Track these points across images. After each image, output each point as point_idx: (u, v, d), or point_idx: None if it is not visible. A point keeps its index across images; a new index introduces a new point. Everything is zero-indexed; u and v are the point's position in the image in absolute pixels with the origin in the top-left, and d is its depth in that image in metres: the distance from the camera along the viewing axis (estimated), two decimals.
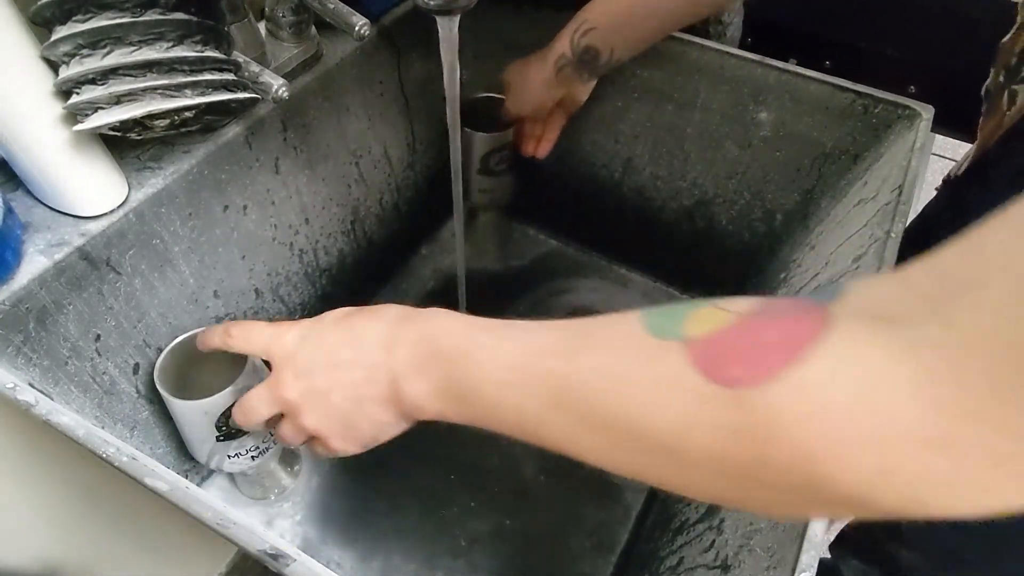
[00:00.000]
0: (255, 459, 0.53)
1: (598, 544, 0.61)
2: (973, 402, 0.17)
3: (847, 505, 0.20)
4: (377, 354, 0.34)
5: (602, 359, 0.26)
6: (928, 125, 0.54)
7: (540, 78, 0.59)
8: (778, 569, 0.34)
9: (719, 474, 0.23)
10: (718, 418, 0.21)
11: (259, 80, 0.48)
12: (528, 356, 0.29)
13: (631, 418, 0.24)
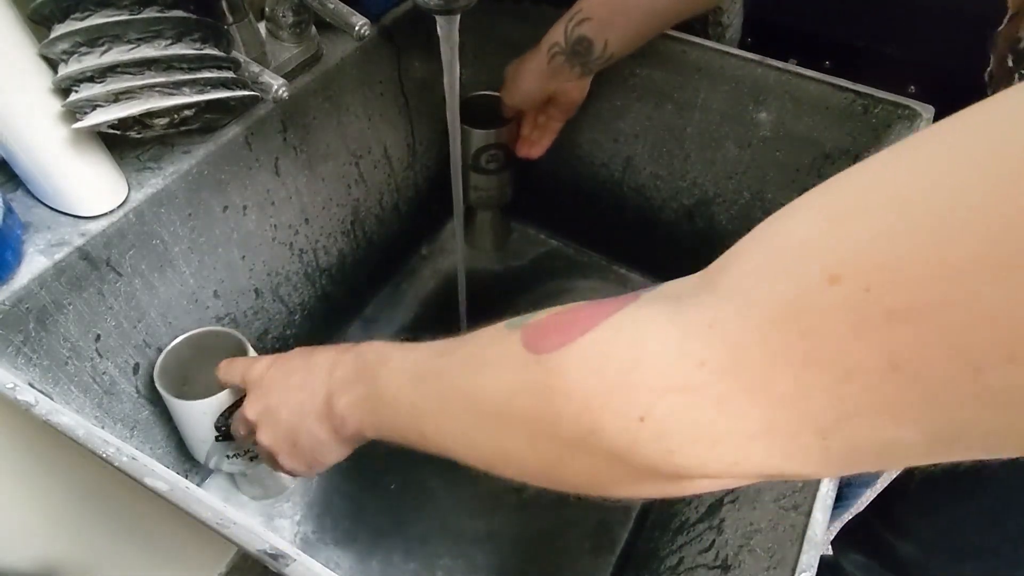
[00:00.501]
0: (253, 459, 0.53)
1: (598, 544, 0.61)
2: (724, 358, 0.19)
3: (614, 458, 0.22)
4: (320, 374, 0.38)
5: (469, 351, 0.30)
6: (928, 125, 0.54)
7: (532, 66, 0.59)
8: (778, 569, 0.34)
9: (533, 438, 0.25)
10: (528, 381, 0.24)
11: (259, 80, 0.48)
12: (423, 359, 0.32)
13: (476, 393, 0.28)
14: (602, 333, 0.22)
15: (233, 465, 0.53)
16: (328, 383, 0.38)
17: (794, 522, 0.36)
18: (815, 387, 0.17)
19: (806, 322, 0.17)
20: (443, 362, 0.31)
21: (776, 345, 0.18)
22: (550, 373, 0.23)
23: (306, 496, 0.63)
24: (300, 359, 0.40)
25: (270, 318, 0.63)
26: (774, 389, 0.18)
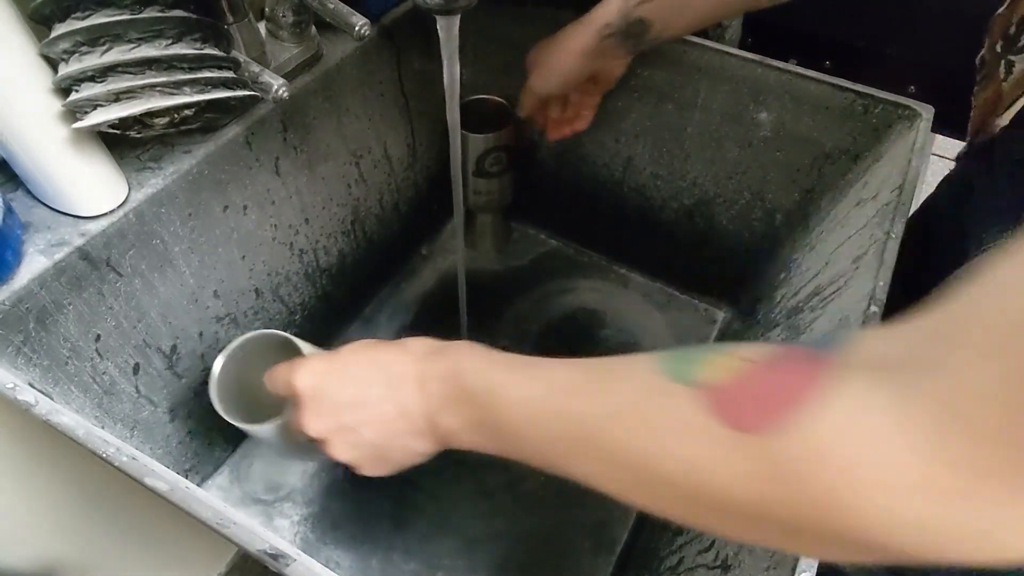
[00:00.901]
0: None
1: (598, 544, 0.61)
2: (961, 452, 0.18)
3: (860, 547, 0.21)
4: (410, 390, 0.35)
5: (621, 401, 0.27)
6: (928, 125, 0.54)
7: (577, 47, 0.54)
8: (778, 569, 0.34)
9: (736, 514, 0.24)
10: (734, 462, 0.22)
11: (259, 80, 0.48)
12: (552, 396, 0.30)
13: (651, 461, 0.25)
14: (821, 418, 0.20)
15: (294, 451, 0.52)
16: (424, 402, 0.35)
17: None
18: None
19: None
20: (582, 408, 0.28)
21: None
22: (765, 459, 0.22)
23: (306, 496, 0.63)
24: (363, 366, 0.37)
25: (270, 318, 0.63)
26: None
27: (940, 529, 0.19)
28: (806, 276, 0.58)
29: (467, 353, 0.35)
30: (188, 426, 0.58)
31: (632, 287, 0.81)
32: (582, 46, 0.54)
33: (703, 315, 0.79)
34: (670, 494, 0.25)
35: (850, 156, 0.60)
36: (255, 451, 0.66)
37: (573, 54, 0.54)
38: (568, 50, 0.55)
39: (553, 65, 0.56)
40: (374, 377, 0.37)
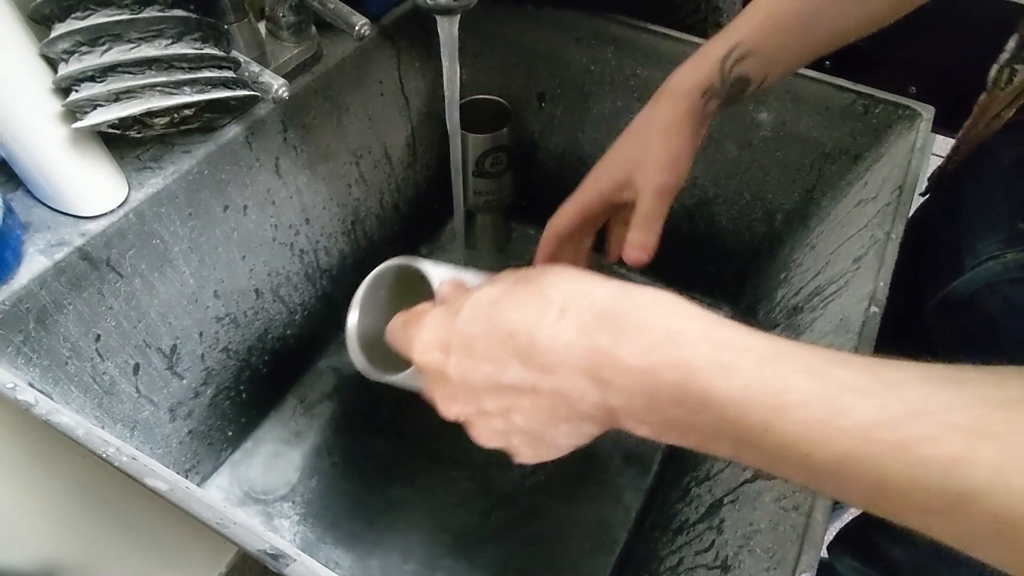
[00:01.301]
0: None
1: (598, 544, 0.61)
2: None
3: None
4: (568, 375, 0.26)
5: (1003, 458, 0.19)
6: (928, 125, 0.54)
7: (684, 117, 0.42)
8: (778, 569, 0.34)
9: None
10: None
11: (259, 80, 0.48)
12: (856, 427, 0.20)
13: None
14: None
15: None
16: (599, 393, 0.25)
17: (794, 523, 0.36)
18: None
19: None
20: (967, 461, 0.19)
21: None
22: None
23: (306, 496, 0.63)
24: (491, 340, 0.27)
25: (270, 318, 0.63)
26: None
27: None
28: (806, 276, 0.58)
29: (678, 327, 0.24)
30: (188, 426, 0.58)
31: None
32: (681, 117, 0.42)
33: None
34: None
35: (850, 156, 0.60)
36: (255, 451, 0.66)
37: (674, 132, 0.42)
38: (666, 128, 0.42)
39: (663, 151, 0.42)
40: (507, 354, 0.27)
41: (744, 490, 0.45)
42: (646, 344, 0.24)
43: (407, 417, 0.69)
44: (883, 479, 0.20)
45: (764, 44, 0.41)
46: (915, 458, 0.20)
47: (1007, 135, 0.49)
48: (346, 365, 0.73)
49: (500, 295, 0.28)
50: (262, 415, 0.68)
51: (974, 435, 0.19)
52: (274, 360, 0.66)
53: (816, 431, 0.21)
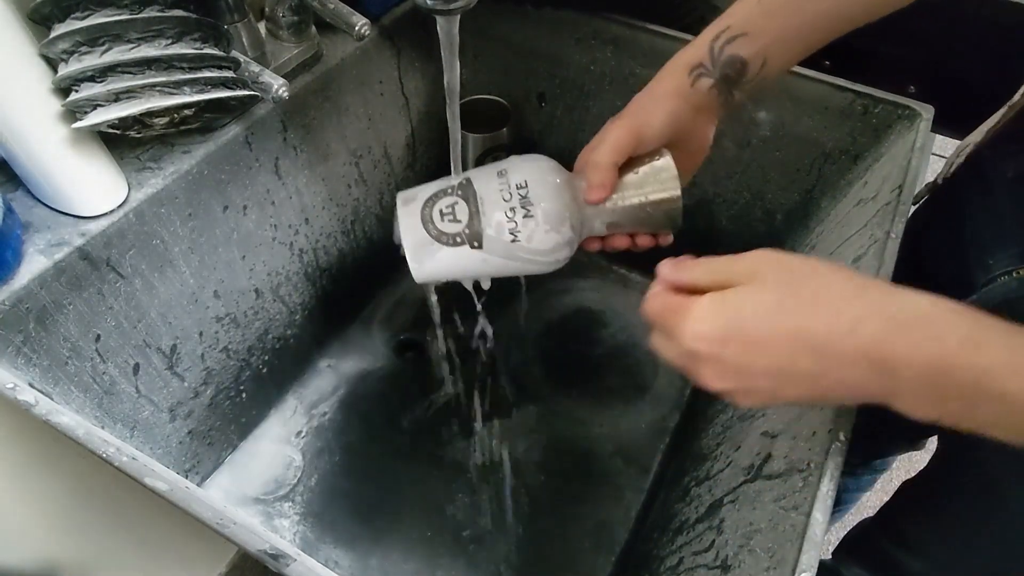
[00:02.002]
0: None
1: (598, 544, 0.61)
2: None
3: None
4: (861, 373, 0.29)
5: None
6: (928, 125, 0.54)
7: (670, 88, 0.45)
8: (778, 569, 0.34)
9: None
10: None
11: (259, 80, 0.48)
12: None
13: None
14: None
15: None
16: (880, 383, 0.29)
17: (794, 522, 0.36)
18: None
19: None
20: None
21: None
22: None
23: (306, 496, 0.64)
24: (782, 344, 0.30)
25: (270, 318, 0.63)
26: None
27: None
28: None
29: (983, 337, 0.28)
30: (188, 426, 0.58)
31: (632, 287, 0.81)
32: (675, 87, 0.45)
33: None
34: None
35: (850, 156, 0.60)
36: (255, 451, 0.66)
37: (669, 96, 0.45)
38: (662, 93, 0.45)
39: (650, 111, 0.45)
40: (798, 351, 0.30)
41: (744, 490, 0.45)
42: (944, 349, 0.28)
43: (407, 417, 0.69)
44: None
45: (755, 25, 0.43)
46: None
47: (1006, 146, 0.49)
48: (346, 365, 0.73)
49: (782, 300, 0.31)
50: (262, 415, 0.68)
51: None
52: (274, 360, 0.66)
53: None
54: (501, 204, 0.40)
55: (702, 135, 0.47)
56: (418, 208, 0.40)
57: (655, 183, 0.42)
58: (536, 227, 0.40)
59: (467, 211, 0.40)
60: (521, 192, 0.40)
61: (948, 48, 0.60)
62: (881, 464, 0.79)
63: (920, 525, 0.60)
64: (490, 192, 0.40)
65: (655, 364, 0.74)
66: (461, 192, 0.41)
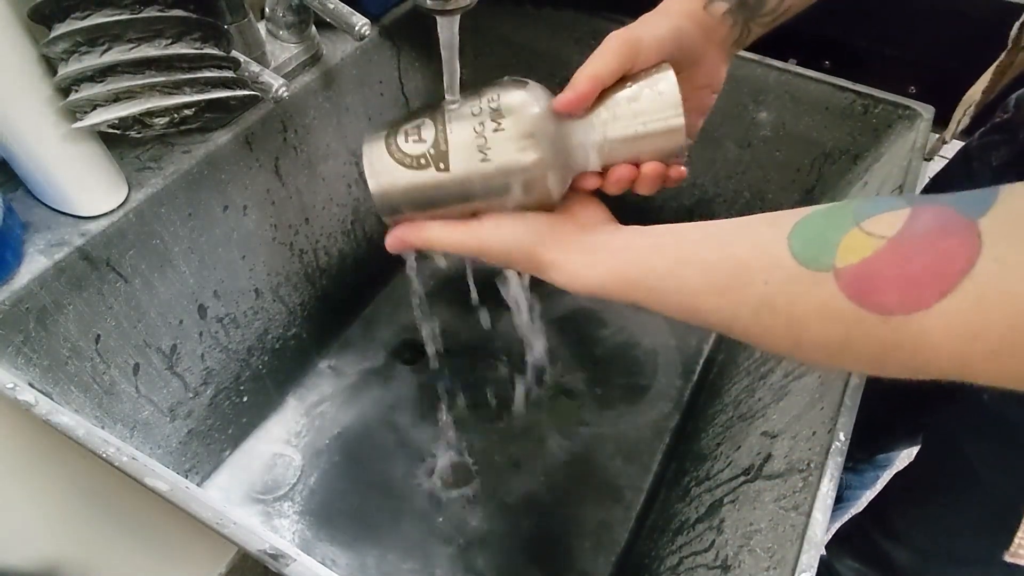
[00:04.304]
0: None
1: (598, 544, 0.61)
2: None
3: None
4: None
5: (756, 293, 0.27)
6: (928, 125, 0.54)
7: (681, 7, 0.39)
8: (778, 569, 0.34)
9: (849, 366, 0.26)
10: (870, 340, 0.24)
11: (259, 80, 0.48)
12: (677, 293, 0.30)
13: (790, 338, 0.27)
14: (964, 301, 0.21)
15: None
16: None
17: (794, 522, 0.36)
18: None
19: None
20: (714, 302, 0.29)
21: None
22: (904, 337, 0.23)
23: (305, 496, 0.64)
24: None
25: (270, 318, 0.63)
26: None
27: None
28: None
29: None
30: (188, 426, 0.58)
31: None
32: (685, 7, 0.39)
33: None
34: (821, 363, 0.28)
35: (850, 156, 0.60)
36: (255, 451, 0.66)
37: (677, 14, 0.39)
38: (670, 11, 0.39)
39: (653, 22, 0.38)
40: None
41: (744, 490, 0.45)
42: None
43: (407, 417, 0.69)
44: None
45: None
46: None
47: (991, 137, 0.49)
48: (346, 365, 0.73)
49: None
50: (262, 415, 0.68)
51: None
52: (274, 360, 0.66)
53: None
54: (469, 119, 0.36)
55: (712, 68, 0.41)
56: (383, 134, 0.36)
57: (651, 99, 0.35)
58: (508, 140, 0.35)
59: (433, 129, 0.36)
60: (492, 104, 0.36)
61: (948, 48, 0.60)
62: (885, 460, 0.80)
63: (907, 516, 0.61)
64: (459, 108, 0.36)
65: (655, 364, 0.74)
66: (428, 112, 0.37)
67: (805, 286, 0.26)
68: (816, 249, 0.26)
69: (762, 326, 0.28)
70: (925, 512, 0.59)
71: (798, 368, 0.49)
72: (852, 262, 0.24)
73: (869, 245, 0.24)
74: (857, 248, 0.24)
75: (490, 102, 0.36)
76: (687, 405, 0.70)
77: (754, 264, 0.28)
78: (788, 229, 0.27)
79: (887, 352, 0.24)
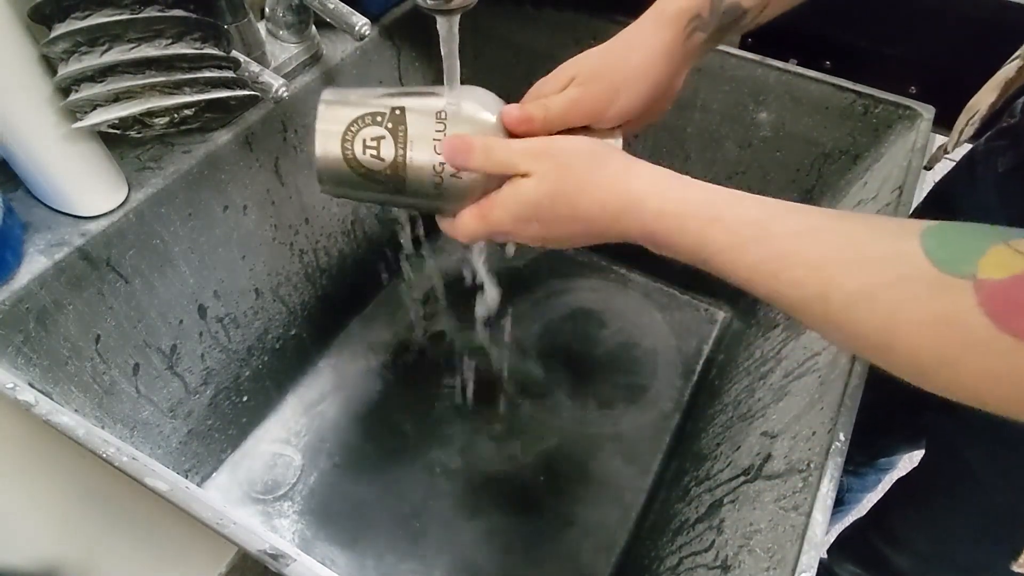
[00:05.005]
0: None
1: (598, 544, 0.61)
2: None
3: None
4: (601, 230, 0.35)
5: (872, 281, 0.25)
6: (928, 125, 0.54)
7: (658, 46, 0.38)
8: (778, 569, 0.34)
9: (980, 398, 0.23)
10: (990, 362, 0.22)
11: (259, 80, 0.48)
12: (781, 258, 0.28)
13: (902, 348, 0.24)
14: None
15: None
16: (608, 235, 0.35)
17: (794, 522, 0.36)
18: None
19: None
20: (821, 276, 0.26)
21: None
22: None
23: (305, 495, 0.63)
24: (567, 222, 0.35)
25: (270, 318, 0.63)
26: None
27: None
28: None
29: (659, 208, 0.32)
30: (188, 426, 0.58)
31: (632, 287, 0.81)
32: (665, 46, 0.38)
33: (703, 315, 0.79)
34: (904, 371, 0.25)
35: (850, 156, 0.60)
36: (255, 451, 0.66)
37: (655, 57, 0.38)
38: (647, 53, 0.38)
39: (627, 77, 0.37)
40: (568, 231, 0.36)
41: (744, 490, 0.45)
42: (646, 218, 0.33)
43: (407, 418, 0.69)
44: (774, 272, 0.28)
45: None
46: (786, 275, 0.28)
47: (997, 142, 0.49)
48: (346, 365, 0.73)
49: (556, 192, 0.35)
50: (262, 415, 0.68)
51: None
52: (274, 360, 0.66)
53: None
54: (430, 153, 0.36)
55: (673, 89, 0.42)
56: (341, 129, 0.36)
57: None
58: (467, 180, 0.37)
59: (393, 150, 0.36)
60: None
61: (948, 48, 0.60)
62: (886, 463, 0.80)
63: (908, 521, 0.61)
64: (423, 133, 0.36)
65: (655, 364, 0.74)
66: (391, 125, 0.37)
67: (931, 289, 0.23)
68: (956, 253, 0.23)
69: (849, 315, 0.25)
70: (926, 517, 0.59)
71: (798, 368, 0.49)
72: (997, 277, 0.22)
73: (1016, 263, 0.22)
74: (1005, 264, 0.22)
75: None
76: (687, 405, 0.70)
77: (870, 245, 0.26)
78: (919, 227, 0.25)
79: (1006, 379, 0.22)
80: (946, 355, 0.23)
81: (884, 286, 0.24)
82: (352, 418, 0.69)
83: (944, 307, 0.23)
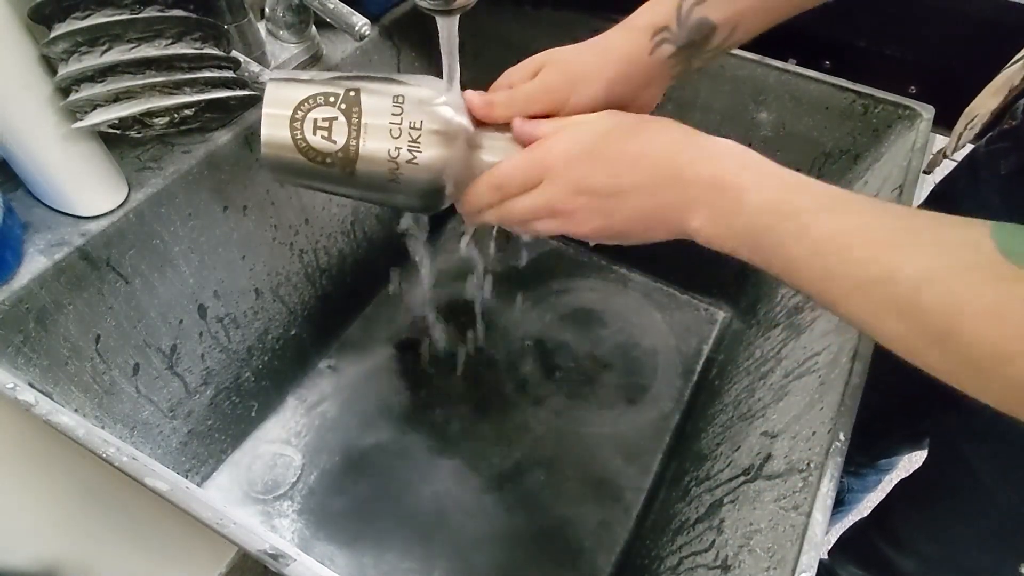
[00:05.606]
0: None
1: (598, 544, 0.61)
2: None
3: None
4: (668, 191, 0.33)
5: (938, 265, 0.25)
6: (928, 125, 0.54)
7: (623, 52, 0.39)
8: (778, 569, 0.34)
9: (999, 398, 0.23)
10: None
11: (259, 80, 0.48)
12: (850, 234, 0.27)
13: (963, 336, 0.24)
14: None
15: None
16: (682, 226, 0.33)
17: (794, 522, 0.36)
18: None
19: None
20: (888, 259, 0.26)
21: None
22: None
23: (305, 495, 0.63)
24: (616, 158, 0.34)
25: (270, 318, 0.63)
26: None
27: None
28: None
29: (741, 162, 0.31)
30: (188, 426, 0.58)
31: (632, 287, 0.81)
32: (630, 52, 0.39)
33: (703, 315, 0.79)
34: (963, 365, 0.24)
35: (850, 156, 0.60)
36: (255, 451, 0.66)
37: (620, 60, 0.39)
38: (606, 53, 0.39)
39: (585, 72, 0.39)
40: (629, 170, 0.33)
41: (744, 490, 0.45)
42: (717, 166, 0.32)
43: (406, 418, 0.69)
44: (839, 276, 0.28)
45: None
46: (857, 261, 0.27)
47: (999, 144, 0.49)
48: (346, 365, 0.73)
49: (616, 128, 0.35)
50: (262, 415, 0.68)
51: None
52: (274, 360, 0.66)
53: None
54: (386, 138, 0.35)
55: (647, 101, 0.42)
56: (290, 108, 0.34)
57: None
58: (419, 172, 0.35)
59: (345, 132, 0.34)
60: (414, 130, 0.35)
61: (948, 48, 0.60)
62: (887, 464, 0.79)
63: (912, 523, 0.61)
64: (379, 116, 0.35)
65: (655, 364, 0.74)
66: (344, 107, 0.35)
67: (1000, 280, 0.23)
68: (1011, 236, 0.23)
69: (913, 299, 0.25)
70: (929, 520, 0.58)
71: (798, 368, 0.49)
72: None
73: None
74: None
75: (412, 127, 0.35)
76: (687, 405, 0.70)
77: (938, 231, 0.25)
78: (986, 222, 0.25)
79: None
80: (1005, 350, 0.23)
81: (952, 271, 0.24)
82: (352, 418, 0.69)
83: (1011, 299, 0.22)
